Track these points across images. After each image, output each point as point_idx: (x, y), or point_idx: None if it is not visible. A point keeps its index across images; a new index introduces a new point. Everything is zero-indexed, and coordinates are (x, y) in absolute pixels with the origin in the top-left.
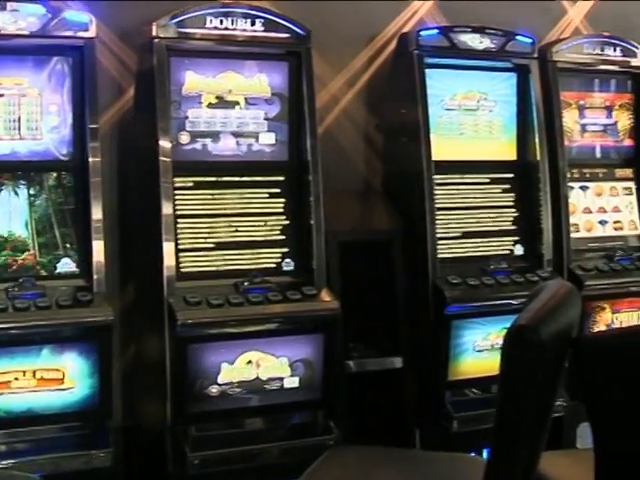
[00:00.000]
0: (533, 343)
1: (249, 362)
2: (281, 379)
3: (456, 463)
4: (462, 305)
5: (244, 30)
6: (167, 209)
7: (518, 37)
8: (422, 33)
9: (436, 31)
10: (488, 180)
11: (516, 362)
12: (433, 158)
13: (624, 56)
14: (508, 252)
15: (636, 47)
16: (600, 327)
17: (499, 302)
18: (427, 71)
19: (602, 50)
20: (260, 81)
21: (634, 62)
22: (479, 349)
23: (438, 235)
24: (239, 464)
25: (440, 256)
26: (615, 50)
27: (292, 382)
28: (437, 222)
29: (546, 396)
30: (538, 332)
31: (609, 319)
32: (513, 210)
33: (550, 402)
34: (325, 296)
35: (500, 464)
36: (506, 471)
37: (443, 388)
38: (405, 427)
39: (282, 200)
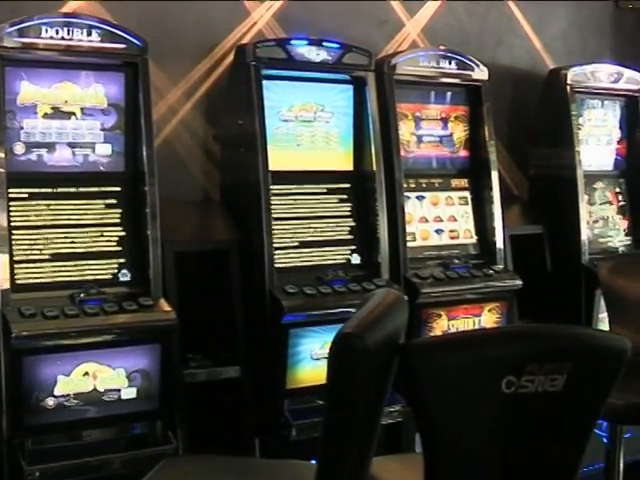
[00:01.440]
0: (358, 350)
1: (86, 374)
2: (118, 390)
3: (289, 470)
4: (299, 314)
5: (80, 40)
6: (1, 220)
7: (355, 50)
8: (259, 45)
9: (273, 43)
10: (325, 190)
11: (342, 369)
12: (270, 168)
13: (459, 69)
14: (345, 261)
15: (471, 60)
16: (436, 334)
17: (336, 310)
18: (264, 82)
19: (438, 63)
20: (96, 92)
21: (469, 75)
22: (316, 357)
23: (275, 245)
24: (78, 476)
25: (277, 266)
26: (450, 63)
27: (129, 393)
28: (274, 232)
29: (374, 402)
30: (363, 339)
31: (445, 326)
32: (350, 220)
33: (378, 408)
34: (161, 306)
35: (328, 470)
36: (334, 477)
37: (282, 397)
38: (245, 436)
39: (118, 211)
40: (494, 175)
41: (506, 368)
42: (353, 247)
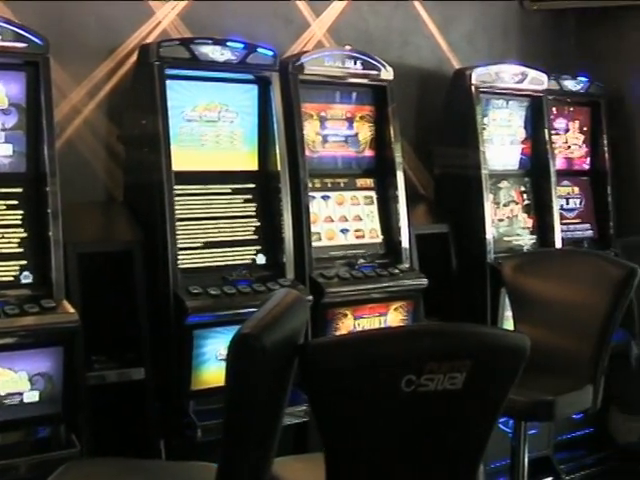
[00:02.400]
0: (256, 350)
1: None
2: (20, 394)
3: (191, 471)
4: (203, 315)
5: None
6: None
7: (259, 49)
8: (163, 44)
9: (177, 43)
10: (230, 190)
11: (240, 370)
12: (173, 169)
13: (365, 69)
14: (250, 261)
15: (377, 61)
16: (342, 333)
17: (240, 311)
18: (168, 82)
19: (343, 63)
20: None
21: (374, 75)
22: (222, 358)
23: (179, 245)
24: None
25: (181, 266)
26: (356, 63)
27: (32, 396)
28: (178, 232)
29: (274, 403)
30: (261, 339)
31: (351, 325)
32: (255, 220)
33: (279, 409)
34: (64, 308)
35: (228, 471)
36: (234, 478)
37: (187, 398)
38: (150, 438)
39: (20, 212)
40: (399, 175)
41: (405, 367)
42: (258, 247)
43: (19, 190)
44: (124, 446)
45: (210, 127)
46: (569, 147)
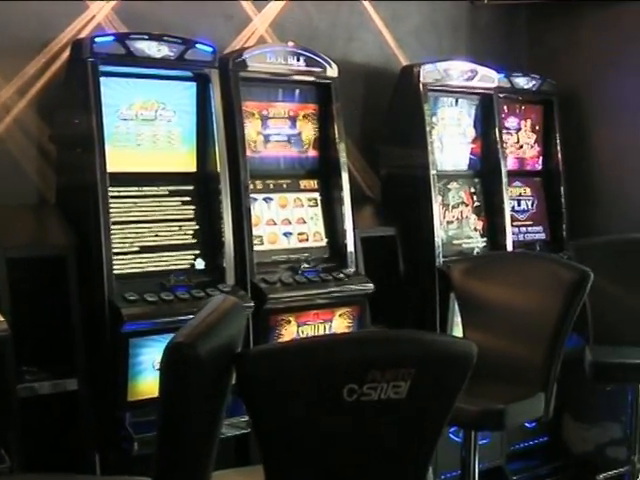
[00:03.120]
0: (190, 360)
1: None
2: None
3: None
4: (139, 322)
5: None
6: None
7: (198, 45)
8: (97, 40)
9: (112, 38)
10: (167, 192)
11: (174, 380)
12: (108, 170)
13: (308, 66)
14: (189, 266)
15: (321, 57)
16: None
17: (178, 318)
18: (102, 79)
19: (286, 60)
20: None
21: (318, 72)
22: (159, 368)
23: (114, 250)
24: None
25: (117, 272)
26: (299, 60)
27: None
28: (113, 236)
29: (210, 414)
30: (195, 348)
31: (295, 332)
32: (193, 223)
33: (216, 420)
34: None
35: None
36: None
37: (123, 409)
38: (85, 452)
39: None
40: (344, 176)
41: (347, 376)
42: (197, 252)
43: None
44: (57, 460)
45: (147, 126)
46: (521, 147)
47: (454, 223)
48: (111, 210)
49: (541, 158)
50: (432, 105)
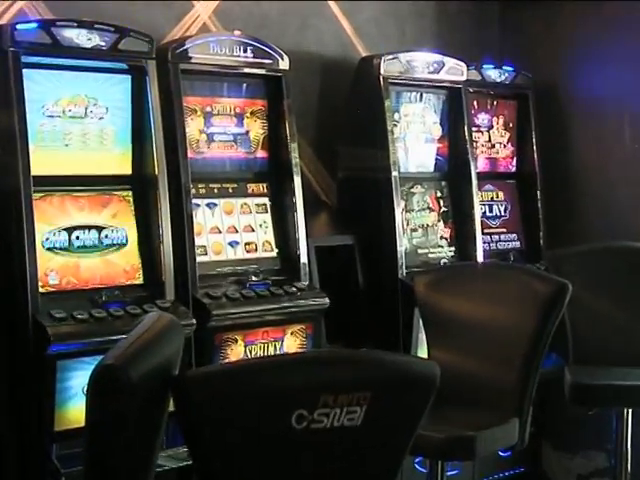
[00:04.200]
0: (122, 384)
1: None
2: None
3: None
4: (68, 343)
5: None
6: None
7: (133, 34)
8: (19, 27)
9: (35, 25)
10: None
11: (103, 406)
12: (33, 173)
13: (256, 57)
14: (123, 281)
15: (270, 48)
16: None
17: (111, 338)
18: (25, 72)
19: (232, 51)
20: None
21: (268, 64)
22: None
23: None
24: None
25: (42, 287)
26: (246, 51)
27: None
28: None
29: (144, 444)
30: (126, 371)
31: (242, 352)
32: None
33: (150, 451)
34: None
35: None
36: None
37: (49, 440)
38: None
39: None
40: (296, 179)
41: (296, 401)
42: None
43: None
44: None
45: (76, 124)
46: (493, 146)
47: (419, 231)
48: (36, 217)
49: (515, 159)
50: (394, 100)
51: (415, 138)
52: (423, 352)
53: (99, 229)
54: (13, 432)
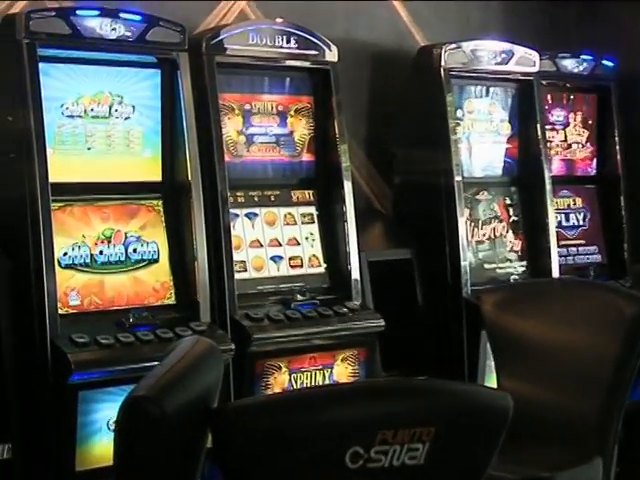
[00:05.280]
0: (155, 419)
1: None
2: None
3: None
4: (91, 371)
5: None
6: None
7: (163, 24)
8: (34, 16)
9: (53, 13)
10: None
11: (133, 444)
12: (51, 180)
13: (301, 49)
14: (153, 301)
15: (317, 37)
16: (275, 392)
17: (141, 365)
18: (42, 66)
19: (274, 41)
20: None
21: (314, 56)
22: (115, 429)
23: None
24: None
25: (62, 308)
26: (290, 41)
27: None
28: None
29: None
30: (160, 404)
31: (286, 381)
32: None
33: None
34: None
35: None
36: None
37: None
38: None
39: None
40: (347, 185)
41: (350, 437)
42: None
43: None
44: None
45: (99, 125)
46: (569, 146)
47: (485, 243)
48: (54, 230)
49: (595, 160)
50: (457, 95)
51: (481, 138)
52: (491, 381)
53: (126, 243)
54: (29, 472)
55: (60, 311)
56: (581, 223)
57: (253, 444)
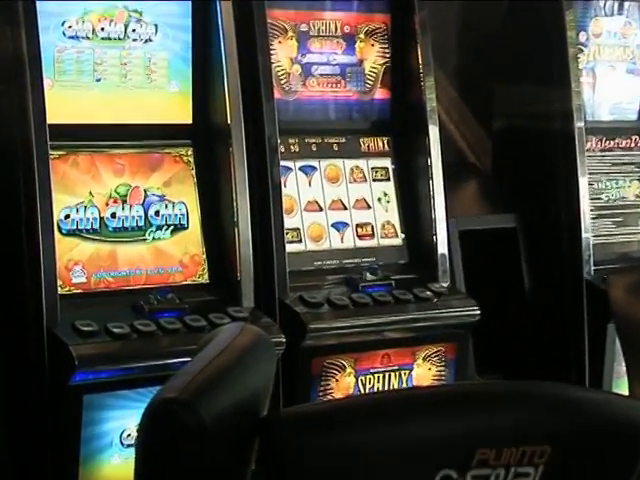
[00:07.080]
0: (187, 426)
1: None
2: None
3: None
4: (99, 369)
5: None
6: None
7: None
8: None
9: None
10: None
11: (160, 462)
12: (49, 120)
13: None
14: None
15: None
16: (337, 397)
17: (165, 361)
18: None
19: None
20: None
21: None
22: (131, 443)
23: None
24: None
25: (63, 288)
26: None
27: None
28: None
29: None
30: (196, 409)
31: (351, 384)
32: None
33: None
34: None
35: None
36: None
37: None
38: None
39: None
40: (433, 131)
41: (440, 457)
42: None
43: None
44: None
45: (112, 50)
46: None
47: (613, 211)
48: (53, 185)
49: None
50: (579, 13)
51: (611, 70)
52: (620, 387)
53: (145, 204)
54: None
55: (60, 291)
56: None
57: (312, 463)
